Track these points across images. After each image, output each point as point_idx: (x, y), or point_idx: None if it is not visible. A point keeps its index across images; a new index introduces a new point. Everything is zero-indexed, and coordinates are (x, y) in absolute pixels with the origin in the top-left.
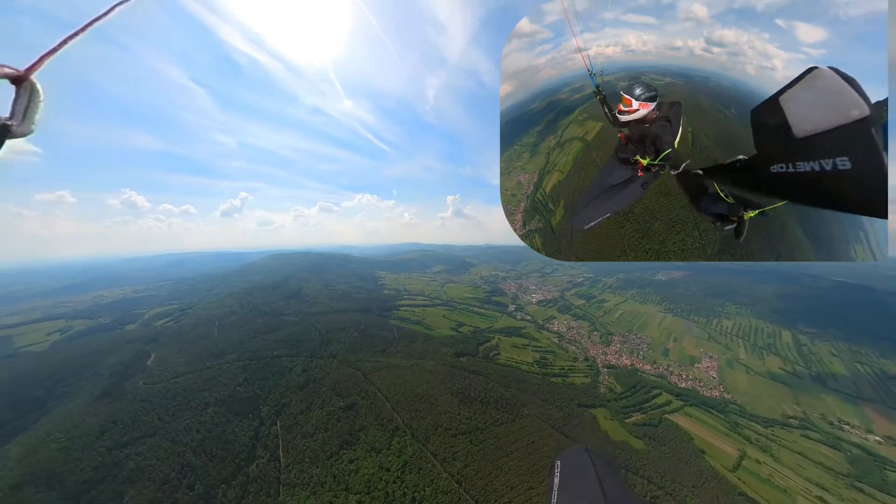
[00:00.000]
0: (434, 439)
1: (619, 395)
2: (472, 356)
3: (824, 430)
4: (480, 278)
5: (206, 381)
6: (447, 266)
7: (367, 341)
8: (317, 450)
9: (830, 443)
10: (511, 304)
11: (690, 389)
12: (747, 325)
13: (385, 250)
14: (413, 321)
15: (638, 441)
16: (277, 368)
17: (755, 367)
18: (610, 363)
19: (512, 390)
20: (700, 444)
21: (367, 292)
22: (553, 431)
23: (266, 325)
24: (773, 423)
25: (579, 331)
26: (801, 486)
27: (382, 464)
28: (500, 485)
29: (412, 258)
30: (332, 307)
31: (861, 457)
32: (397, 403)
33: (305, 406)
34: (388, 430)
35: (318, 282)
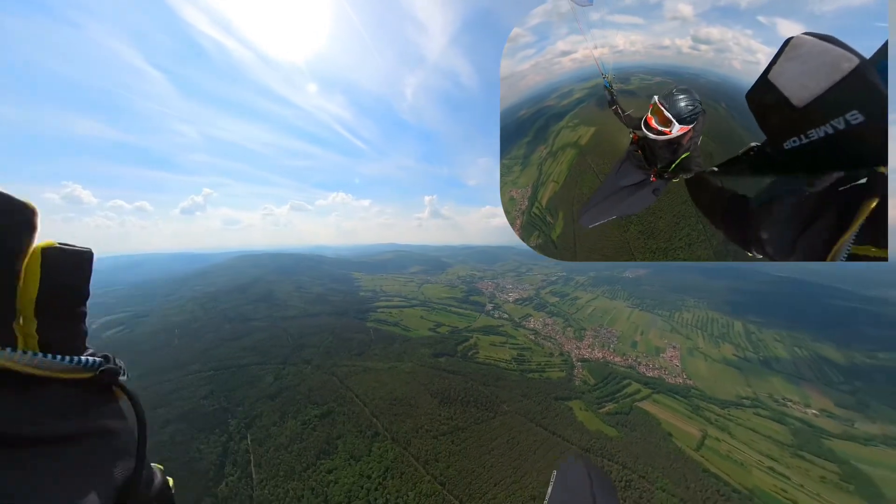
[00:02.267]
0: (415, 442)
1: (592, 386)
2: (450, 356)
3: (771, 408)
4: (458, 278)
5: (164, 396)
6: (424, 266)
7: (342, 345)
8: (292, 462)
9: (777, 418)
10: (488, 303)
11: (657, 378)
12: (704, 316)
13: (361, 251)
14: (390, 322)
15: (611, 429)
16: (246, 378)
17: (712, 354)
18: (583, 357)
19: (491, 388)
20: (667, 427)
21: (343, 294)
22: (532, 425)
23: (233, 332)
24: (729, 404)
25: (554, 327)
26: (754, 458)
27: (363, 471)
28: (483, 482)
29: (389, 259)
30: (305, 311)
31: (802, 429)
32: (376, 408)
33: (278, 416)
34: (367, 436)
35: (290, 284)
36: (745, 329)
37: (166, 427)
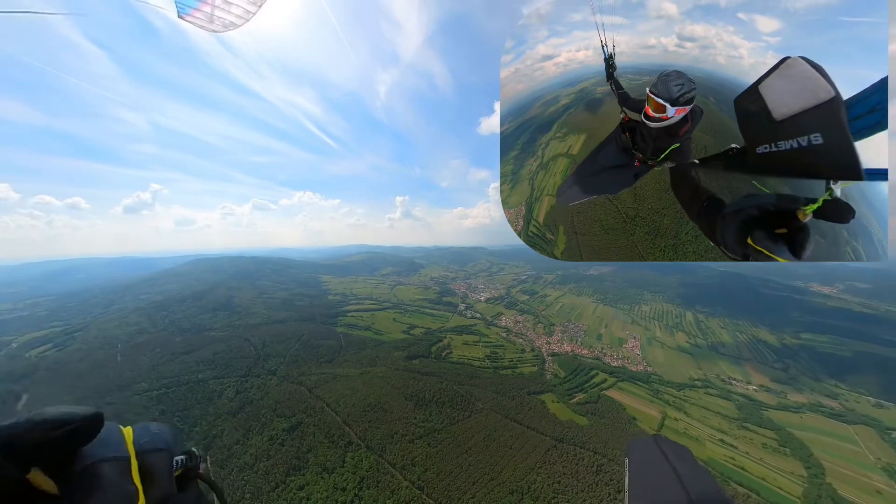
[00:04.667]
0: (391, 448)
1: (563, 379)
2: (424, 357)
3: (719, 387)
4: (430, 279)
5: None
6: (396, 268)
7: (310, 352)
8: (259, 482)
9: (724, 396)
10: (461, 304)
11: (621, 367)
12: (660, 308)
13: (329, 253)
14: (361, 327)
15: (582, 418)
16: (203, 394)
17: (668, 342)
18: (553, 351)
19: (466, 387)
20: (632, 412)
21: (310, 299)
22: (507, 421)
23: (186, 344)
24: (683, 387)
25: (525, 324)
26: (707, 433)
27: (337, 484)
28: (462, 482)
29: (359, 260)
30: (269, 318)
31: (745, 403)
32: (348, 416)
33: (241, 434)
34: (339, 446)
35: (252, 290)
36: (696, 318)
37: None
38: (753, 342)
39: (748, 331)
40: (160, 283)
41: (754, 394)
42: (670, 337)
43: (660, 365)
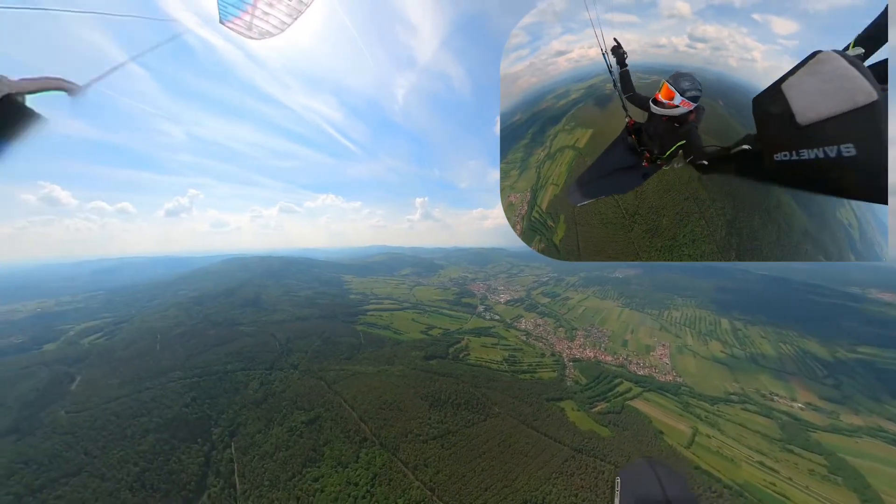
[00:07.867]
0: (404, 447)
1: (584, 386)
2: (442, 358)
3: (759, 403)
4: (450, 280)
5: (144, 405)
6: (416, 269)
7: (331, 349)
8: (277, 471)
9: (765, 413)
10: (480, 305)
11: (647, 376)
12: (692, 314)
13: (351, 253)
14: (381, 326)
15: (604, 429)
16: (231, 384)
17: (701, 351)
18: (575, 357)
19: (482, 390)
20: (658, 425)
21: (332, 297)
22: (524, 427)
23: (218, 337)
24: (718, 401)
25: (545, 327)
26: (744, 454)
27: (350, 479)
28: (473, 487)
29: (380, 261)
30: (293, 314)
31: (789, 423)
32: (364, 413)
33: (263, 424)
34: (354, 441)
35: (278, 288)
36: (732, 326)
37: (146, 437)
38: (800, 354)
39: (794, 342)
40: (197, 281)
41: (800, 413)
42: (703, 346)
43: (691, 376)
